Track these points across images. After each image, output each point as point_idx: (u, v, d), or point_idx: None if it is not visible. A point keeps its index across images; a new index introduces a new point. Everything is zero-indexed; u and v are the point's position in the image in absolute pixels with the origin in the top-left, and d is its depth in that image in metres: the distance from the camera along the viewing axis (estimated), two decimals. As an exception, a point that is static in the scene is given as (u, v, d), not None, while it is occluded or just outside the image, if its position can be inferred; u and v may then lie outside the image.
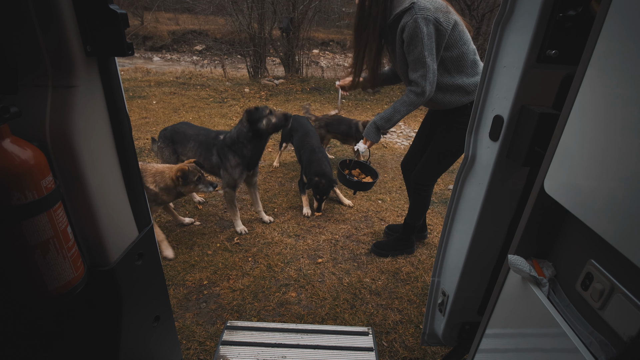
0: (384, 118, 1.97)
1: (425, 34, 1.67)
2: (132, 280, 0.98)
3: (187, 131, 2.77)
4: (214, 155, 2.63)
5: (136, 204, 0.99)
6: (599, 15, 0.62)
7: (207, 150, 2.67)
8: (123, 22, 0.77)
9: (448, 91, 1.88)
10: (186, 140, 2.73)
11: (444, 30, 1.70)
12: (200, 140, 2.69)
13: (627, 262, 0.55)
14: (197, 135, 2.73)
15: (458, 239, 1.26)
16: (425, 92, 1.80)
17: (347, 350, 1.74)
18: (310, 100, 6.80)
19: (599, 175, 0.61)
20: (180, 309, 2.01)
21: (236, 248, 2.58)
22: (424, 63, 1.74)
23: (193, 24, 13.93)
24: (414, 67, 1.79)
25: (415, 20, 1.66)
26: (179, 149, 2.77)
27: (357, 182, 2.43)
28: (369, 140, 2.07)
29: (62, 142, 0.75)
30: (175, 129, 2.82)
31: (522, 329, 0.84)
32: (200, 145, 2.69)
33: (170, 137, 2.80)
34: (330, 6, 10.38)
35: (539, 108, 0.92)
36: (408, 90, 1.87)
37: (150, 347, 1.17)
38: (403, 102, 1.89)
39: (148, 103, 5.99)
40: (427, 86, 1.79)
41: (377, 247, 2.56)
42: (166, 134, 2.82)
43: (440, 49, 1.76)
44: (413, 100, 1.85)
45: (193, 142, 2.72)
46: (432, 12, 1.67)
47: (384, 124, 1.98)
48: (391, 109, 1.94)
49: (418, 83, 1.80)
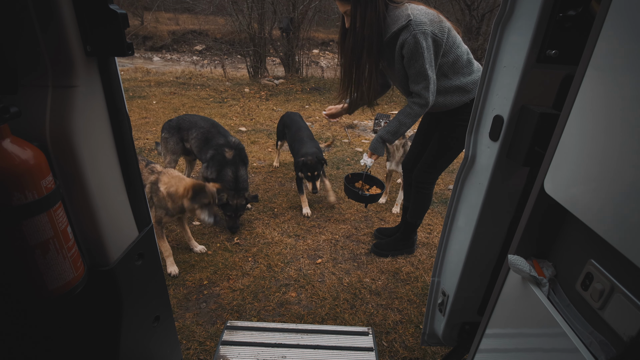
0: (390, 132, 1.98)
1: (425, 48, 1.71)
2: (132, 280, 0.98)
3: (196, 121, 2.92)
4: (208, 154, 2.78)
5: (136, 204, 0.99)
6: (599, 15, 0.62)
7: (206, 146, 2.83)
8: (123, 22, 0.77)
9: (448, 93, 1.90)
10: (193, 127, 2.88)
11: (441, 40, 1.74)
12: (206, 136, 2.84)
13: (627, 262, 0.55)
14: (207, 130, 2.87)
15: (458, 239, 1.26)
16: (428, 103, 1.84)
17: (347, 350, 1.74)
18: (310, 100, 6.80)
19: (599, 175, 0.61)
20: (180, 309, 2.01)
21: (236, 248, 2.58)
22: (425, 75, 1.78)
23: (193, 24, 13.93)
24: (416, 80, 1.82)
25: (414, 37, 1.69)
26: (185, 135, 2.90)
27: (370, 196, 2.34)
28: (375, 154, 2.06)
29: (62, 142, 0.75)
30: (181, 118, 2.95)
31: (522, 329, 0.84)
32: (205, 140, 2.84)
33: (176, 127, 2.91)
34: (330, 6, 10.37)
35: (539, 108, 0.92)
36: (411, 102, 1.90)
37: (150, 347, 1.17)
38: (408, 115, 1.91)
39: (148, 103, 5.99)
40: (429, 97, 1.82)
41: (377, 248, 2.55)
42: (171, 124, 2.93)
43: (438, 58, 1.79)
44: (417, 112, 1.89)
45: (197, 132, 2.86)
46: (428, 25, 1.70)
47: (390, 137, 1.99)
48: (396, 122, 1.95)
49: (421, 95, 1.83)
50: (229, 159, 2.72)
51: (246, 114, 5.81)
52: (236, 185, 2.69)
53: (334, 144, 4.65)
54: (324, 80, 8.32)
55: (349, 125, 5.47)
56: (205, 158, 2.79)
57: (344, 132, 5.16)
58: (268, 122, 5.44)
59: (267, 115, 5.78)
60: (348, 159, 4.27)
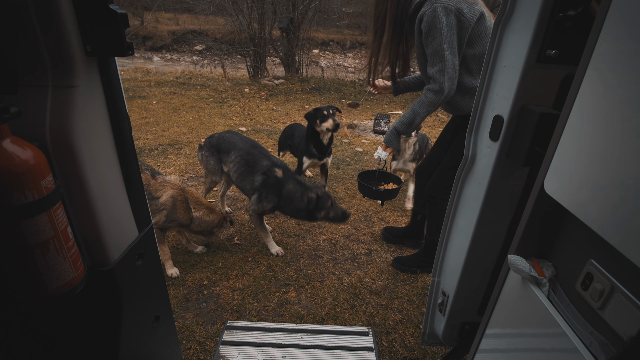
0: (404, 123, 1.83)
1: (445, 25, 1.52)
2: (132, 280, 0.98)
3: (236, 142, 2.60)
4: (256, 182, 2.43)
5: (136, 203, 0.99)
6: (599, 15, 0.62)
7: (250, 172, 2.47)
8: (123, 22, 0.77)
9: (468, 93, 1.72)
10: (232, 149, 2.57)
11: (467, 22, 1.54)
12: (247, 160, 2.50)
13: (627, 262, 0.55)
14: (245, 151, 2.53)
15: (458, 239, 1.26)
16: (443, 89, 1.63)
17: (347, 350, 1.74)
18: (310, 100, 6.80)
19: (599, 175, 0.61)
20: (180, 309, 2.01)
21: (236, 248, 2.58)
22: (442, 57, 1.58)
23: (193, 24, 13.93)
24: (432, 61, 1.63)
25: (434, 10, 1.53)
26: (224, 157, 2.62)
27: (386, 191, 2.22)
28: (390, 147, 1.95)
29: (62, 142, 0.75)
30: (222, 137, 2.65)
31: (522, 329, 0.84)
32: (246, 164, 2.49)
33: (216, 146, 2.64)
34: (330, 6, 10.38)
35: (539, 108, 0.92)
36: (425, 89, 1.72)
37: (150, 347, 1.17)
38: (421, 103, 1.73)
39: (148, 103, 5.99)
40: (445, 82, 1.61)
41: (398, 262, 2.39)
42: (212, 141, 2.67)
43: (462, 43, 1.59)
44: (432, 100, 1.69)
45: (236, 155, 2.53)
46: (454, 1, 1.53)
47: (405, 129, 1.85)
48: (410, 113, 1.79)
49: (436, 79, 1.63)
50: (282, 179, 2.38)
51: (246, 114, 5.81)
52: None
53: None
54: (324, 80, 8.33)
55: (349, 125, 5.47)
56: (253, 187, 2.43)
57: (344, 132, 5.16)
58: (268, 122, 5.44)
59: (267, 115, 5.78)
60: (348, 159, 4.27)
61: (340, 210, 2.33)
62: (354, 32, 14.44)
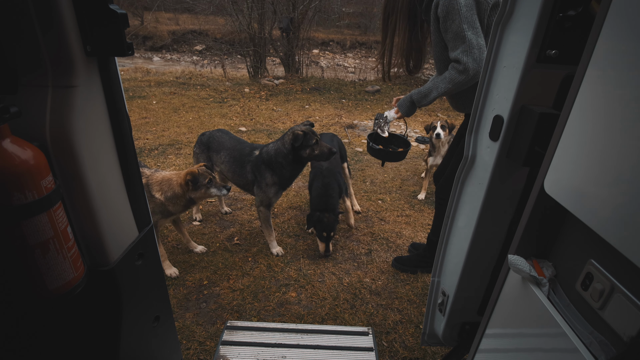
0: (421, 93, 1.80)
1: (463, 5, 1.47)
2: (132, 280, 0.98)
3: (223, 141, 2.63)
4: (249, 173, 2.47)
5: (136, 204, 0.99)
6: (599, 15, 0.62)
7: (240, 167, 2.50)
8: (123, 22, 0.77)
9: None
10: (221, 149, 2.60)
11: (485, 3, 1.49)
12: (234, 156, 2.54)
13: (627, 262, 0.55)
14: (232, 148, 2.58)
15: (458, 239, 1.26)
16: (468, 69, 1.55)
17: (347, 350, 1.74)
18: (310, 100, 6.80)
19: (599, 175, 0.61)
20: (180, 309, 2.01)
21: (236, 248, 2.58)
22: (463, 37, 1.51)
23: (193, 24, 13.93)
24: (454, 45, 1.55)
25: None
26: (214, 157, 2.64)
27: (393, 152, 2.14)
28: (401, 111, 1.93)
29: (62, 142, 0.75)
30: (212, 135, 2.67)
31: (522, 329, 0.84)
32: (235, 161, 2.53)
33: (206, 144, 2.67)
34: (330, 6, 10.38)
35: (539, 108, 0.92)
36: (450, 66, 1.66)
37: (150, 347, 1.17)
38: (443, 78, 1.67)
39: (148, 103, 5.99)
40: (469, 62, 1.53)
41: (398, 262, 2.41)
42: (203, 139, 2.69)
43: (482, 25, 1.53)
44: (454, 77, 1.62)
45: (226, 154, 2.57)
46: None
47: (420, 99, 1.81)
48: (430, 84, 1.75)
49: (460, 60, 1.55)
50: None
51: (246, 114, 5.81)
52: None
53: None
54: (324, 80, 8.32)
55: (349, 125, 5.47)
56: (248, 179, 2.45)
57: (344, 132, 5.16)
58: (268, 122, 5.44)
59: (267, 115, 5.78)
60: (348, 159, 4.26)
61: (326, 147, 2.35)
62: (354, 32, 14.45)
